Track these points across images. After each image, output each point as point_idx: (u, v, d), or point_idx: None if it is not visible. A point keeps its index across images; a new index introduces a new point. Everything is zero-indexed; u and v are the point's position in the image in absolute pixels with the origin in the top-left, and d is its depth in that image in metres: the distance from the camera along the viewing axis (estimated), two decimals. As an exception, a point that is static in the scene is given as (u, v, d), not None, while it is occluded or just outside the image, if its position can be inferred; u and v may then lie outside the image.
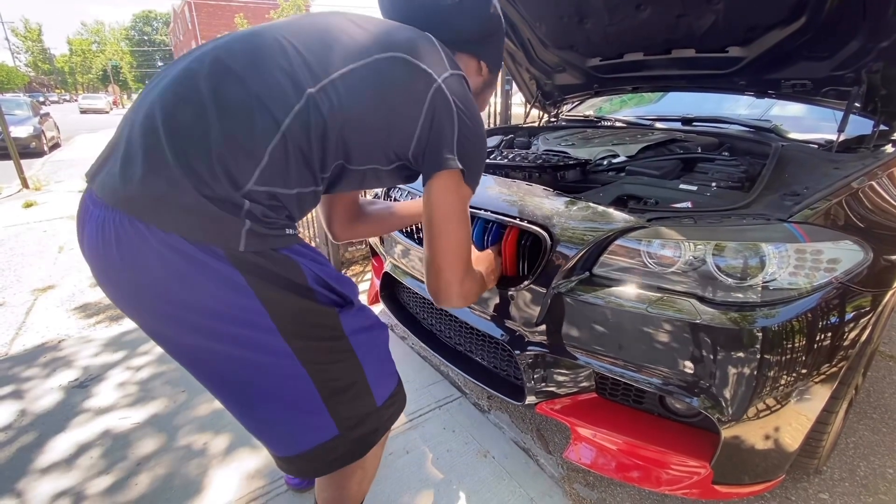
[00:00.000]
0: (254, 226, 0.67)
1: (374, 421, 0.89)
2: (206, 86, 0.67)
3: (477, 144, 0.83)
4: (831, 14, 1.46)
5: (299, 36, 0.72)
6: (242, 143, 0.65)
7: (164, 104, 0.67)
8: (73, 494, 1.36)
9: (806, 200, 1.15)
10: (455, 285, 0.88)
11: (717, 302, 1.04)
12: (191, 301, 0.68)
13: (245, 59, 0.69)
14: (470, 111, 0.81)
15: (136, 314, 0.75)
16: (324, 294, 0.77)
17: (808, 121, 1.98)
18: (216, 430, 1.60)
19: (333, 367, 0.80)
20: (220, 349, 0.72)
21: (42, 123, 9.87)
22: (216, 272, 0.66)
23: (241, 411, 0.81)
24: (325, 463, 0.86)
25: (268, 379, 0.76)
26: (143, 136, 0.66)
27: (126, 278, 0.69)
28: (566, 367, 1.24)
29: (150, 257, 0.65)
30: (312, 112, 0.68)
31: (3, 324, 2.38)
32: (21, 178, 5.89)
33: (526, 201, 1.36)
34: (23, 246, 3.62)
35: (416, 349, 2.09)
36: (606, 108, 2.88)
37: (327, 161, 0.74)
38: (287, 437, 0.82)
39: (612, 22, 1.88)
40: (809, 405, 1.09)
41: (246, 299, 0.68)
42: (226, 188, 0.64)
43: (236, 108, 0.66)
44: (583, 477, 1.41)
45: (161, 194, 0.64)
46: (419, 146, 0.79)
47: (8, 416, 1.68)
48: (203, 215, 0.64)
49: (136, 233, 0.65)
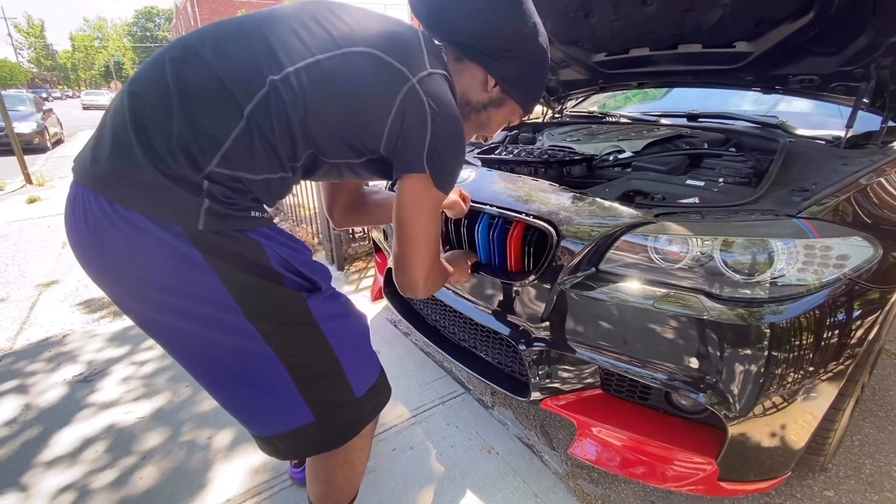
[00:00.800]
0: (213, 205, 0.67)
1: (352, 412, 0.88)
2: (171, 69, 0.67)
3: (450, 150, 0.79)
4: (840, 9, 1.44)
5: (274, 24, 0.72)
6: (204, 126, 0.66)
7: (132, 88, 0.69)
8: (78, 488, 1.36)
9: (815, 196, 1.15)
10: (420, 280, 0.89)
11: (724, 298, 1.03)
12: (155, 278, 0.69)
13: (212, 45, 0.69)
14: (445, 114, 0.76)
15: (110, 290, 0.76)
16: (290, 278, 0.77)
17: (815, 117, 1.97)
18: (220, 424, 1.60)
19: (305, 353, 0.79)
20: (190, 328, 0.73)
21: (45, 119, 9.87)
22: (176, 250, 0.67)
23: (216, 391, 0.82)
24: (301, 447, 0.87)
25: (239, 360, 0.76)
26: (112, 119, 0.69)
27: (96, 255, 0.71)
28: (571, 363, 1.23)
29: (114, 234, 0.67)
30: (274, 99, 0.68)
31: (8, 319, 2.39)
32: (25, 174, 5.90)
33: (532, 196, 1.35)
34: (27, 241, 3.63)
35: (419, 345, 2.09)
36: (611, 105, 2.87)
37: (297, 150, 0.73)
38: (261, 418, 0.83)
39: (617, 17, 1.86)
40: (816, 402, 1.09)
41: (206, 278, 0.69)
42: (184, 168, 0.65)
43: (198, 91, 0.66)
44: (587, 473, 1.41)
45: (123, 172, 0.65)
46: (389, 145, 0.76)
47: (13, 411, 1.69)
48: (162, 193, 0.65)
49: (101, 210, 0.66)
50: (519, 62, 0.88)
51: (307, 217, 3.27)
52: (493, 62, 0.87)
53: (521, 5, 0.82)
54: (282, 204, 3.72)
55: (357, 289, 2.67)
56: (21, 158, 5.93)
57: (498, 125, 0.99)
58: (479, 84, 0.90)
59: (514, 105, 0.95)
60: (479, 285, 1.43)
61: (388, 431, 1.57)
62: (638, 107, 2.75)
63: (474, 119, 0.95)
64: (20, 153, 5.96)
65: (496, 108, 0.94)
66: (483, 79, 0.90)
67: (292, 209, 3.50)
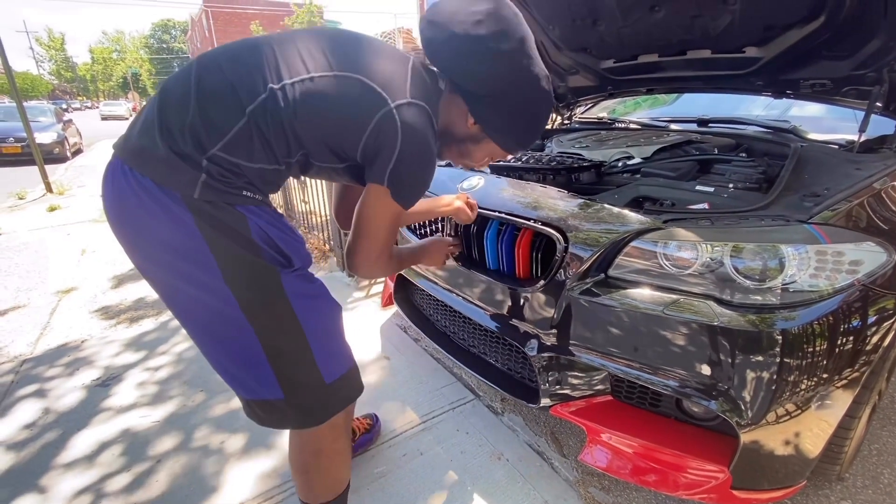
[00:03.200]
0: (209, 180, 0.79)
1: (321, 396, 0.94)
2: (195, 74, 0.82)
3: (412, 172, 0.88)
4: (851, 12, 1.43)
5: (284, 45, 0.84)
6: (213, 119, 0.78)
7: (164, 86, 0.84)
8: (94, 491, 1.39)
9: (827, 201, 1.14)
10: (360, 268, 1.00)
11: (735, 304, 1.03)
12: (155, 234, 0.81)
13: (230, 56, 0.83)
14: (415, 140, 0.84)
15: (128, 246, 0.87)
16: (267, 251, 0.85)
17: (827, 121, 1.95)
18: (232, 430, 1.62)
19: (275, 327, 0.87)
20: (180, 285, 0.84)
21: (65, 130, 10.13)
22: (172, 212, 0.78)
23: (204, 349, 0.92)
24: (274, 419, 0.95)
25: (221, 324, 0.85)
26: (147, 109, 0.84)
27: (116, 213, 0.84)
28: (581, 370, 1.23)
29: (129, 194, 0.80)
30: (271, 104, 0.79)
31: (29, 324, 2.45)
32: (45, 183, 6.05)
33: (540, 203, 1.36)
34: (47, 249, 3.72)
35: (429, 351, 2.09)
36: (620, 111, 2.87)
37: (291, 149, 0.84)
38: (242, 382, 0.92)
39: (625, 23, 1.87)
40: (831, 410, 1.07)
41: (194, 240, 0.79)
42: (190, 147, 0.78)
43: (212, 91, 0.80)
44: (598, 480, 1.40)
45: (144, 147, 0.80)
46: (363, 156, 0.87)
47: (32, 414, 1.73)
48: (169, 165, 0.78)
49: (124, 175, 0.81)
50: (498, 108, 0.94)
51: (318, 224, 3.31)
52: (474, 102, 0.94)
53: (505, 61, 0.87)
54: (293, 211, 3.78)
55: (367, 295, 2.69)
56: (42, 168, 6.09)
57: (479, 159, 1.06)
58: (461, 117, 0.97)
59: (493, 145, 1.00)
60: (488, 291, 1.44)
61: (398, 437, 1.58)
62: (647, 112, 2.74)
63: (455, 148, 1.03)
64: (41, 163, 6.12)
65: (474, 144, 1.01)
66: (465, 114, 0.96)
67: (304, 216, 3.54)
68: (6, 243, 3.88)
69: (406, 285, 1.99)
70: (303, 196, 3.50)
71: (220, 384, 1.87)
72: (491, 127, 0.97)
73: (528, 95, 0.93)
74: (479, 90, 0.91)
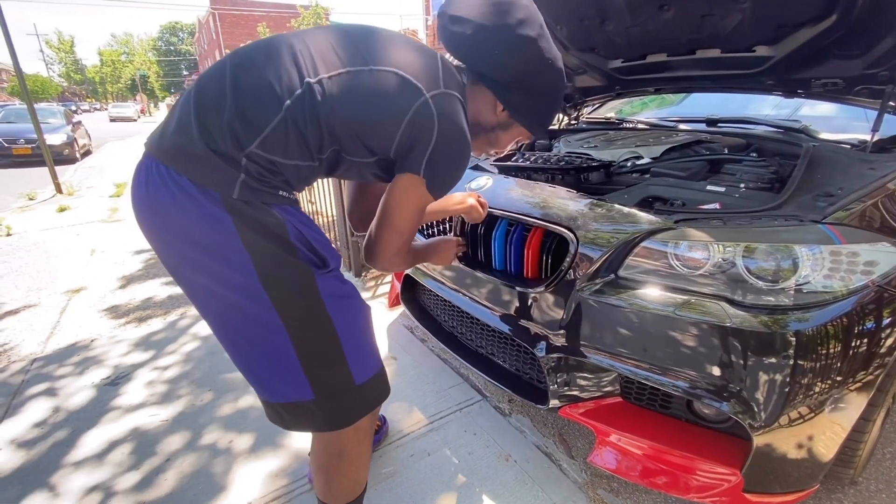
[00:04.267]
0: (248, 179, 0.78)
1: (352, 398, 0.93)
2: (230, 71, 0.81)
3: (449, 162, 0.89)
4: (863, 10, 1.41)
5: (315, 40, 0.84)
6: (249, 115, 0.78)
7: (199, 84, 0.84)
8: (104, 489, 1.39)
9: (840, 201, 1.12)
10: (381, 261, 0.99)
11: (747, 305, 1.02)
12: (190, 234, 0.80)
13: (264, 53, 0.82)
14: (451, 129, 0.86)
15: (159, 246, 0.86)
16: (304, 252, 0.85)
17: (839, 120, 1.93)
18: (240, 429, 1.63)
19: (309, 326, 0.86)
20: (212, 287, 0.83)
21: (74, 131, 10.23)
22: (210, 212, 0.78)
23: (231, 351, 0.91)
24: (301, 421, 0.94)
25: (251, 325, 0.85)
26: (181, 106, 0.83)
27: (150, 213, 0.83)
28: (590, 371, 1.22)
29: (166, 195, 0.79)
30: (308, 98, 0.79)
31: (39, 324, 2.47)
32: (55, 184, 6.12)
33: (549, 203, 1.35)
34: (57, 249, 3.75)
35: (436, 351, 2.09)
36: (627, 111, 2.85)
37: (323, 144, 0.84)
38: (267, 385, 0.90)
39: (634, 23, 1.86)
40: (845, 413, 1.06)
41: (231, 240, 0.79)
42: (229, 146, 0.77)
43: (249, 87, 0.79)
44: (607, 483, 1.39)
45: (181, 145, 0.79)
46: (398, 148, 0.86)
47: (43, 413, 1.74)
48: (207, 164, 0.77)
49: (159, 174, 0.80)
50: (526, 92, 0.97)
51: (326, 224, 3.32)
52: (502, 90, 0.97)
53: (530, 46, 0.91)
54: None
55: (374, 295, 2.69)
56: (52, 169, 6.16)
57: (506, 143, 1.09)
58: (489, 107, 1.00)
59: (520, 128, 1.04)
60: (496, 291, 1.44)
61: (405, 437, 1.57)
62: (656, 112, 2.73)
63: (483, 137, 1.05)
64: (51, 164, 6.18)
65: (504, 130, 1.04)
66: (493, 103, 0.99)
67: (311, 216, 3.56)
68: (17, 243, 3.92)
69: (413, 285, 1.98)
70: (309, 197, 3.51)
71: (228, 384, 1.87)
72: (520, 112, 1.00)
73: (549, 77, 0.96)
74: (507, 77, 0.94)
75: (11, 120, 10.09)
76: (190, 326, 2.39)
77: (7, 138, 9.15)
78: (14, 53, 5.66)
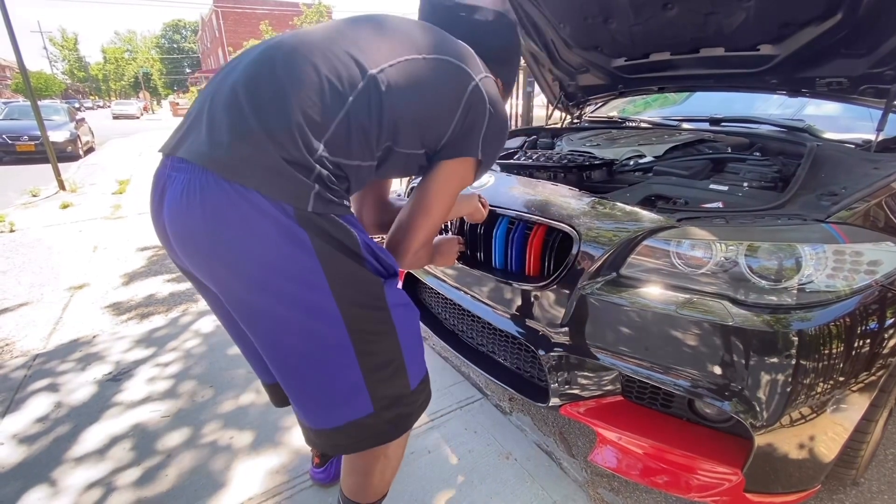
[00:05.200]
0: (321, 190, 0.74)
1: (407, 404, 0.92)
2: (283, 67, 0.76)
3: (499, 141, 0.95)
4: (869, 9, 1.41)
5: (359, 32, 0.83)
6: (314, 116, 0.74)
7: (246, 83, 0.76)
8: (105, 484, 1.40)
9: (844, 201, 1.12)
10: (410, 253, 0.96)
11: (749, 304, 1.01)
12: (259, 254, 0.74)
13: (316, 47, 0.79)
14: (498, 110, 0.91)
15: (207, 269, 0.79)
16: (372, 263, 0.83)
17: (844, 120, 1.92)
18: (241, 426, 1.63)
19: (376, 339, 0.84)
20: (277, 309, 0.77)
21: (78, 128, 10.26)
22: (285, 228, 0.73)
23: (286, 378, 0.85)
24: (355, 441, 0.89)
25: (314, 346, 0.80)
26: (227, 109, 0.75)
27: (204, 231, 0.75)
28: (591, 369, 1.22)
29: (231, 211, 0.72)
30: (373, 91, 0.77)
31: (41, 319, 2.48)
32: (58, 181, 6.13)
33: (551, 201, 1.35)
34: (60, 245, 3.77)
35: (436, 350, 2.09)
36: (630, 110, 2.84)
37: (381, 139, 0.81)
38: (323, 408, 0.86)
39: (637, 21, 1.85)
40: (847, 413, 1.05)
41: (306, 256, 0.74)
42: (301, 152, 0.72)
43: (310, 85, 0.75)
44: (607, 482, 1.39)
45: (247, 156, 0.72)
46: (452, 135, 0.87)
47: (45, 408, 1.75)
48: (281, 175, 0.72)
49: (220, 189, 0.72)
50: (515, 63, 1.11)
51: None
52: (501, 68, 1.04)
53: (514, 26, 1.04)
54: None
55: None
56: (55, 166, 6.17)
57: None
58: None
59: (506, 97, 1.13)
60: (497, 289, 1.43)
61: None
62: (659, 111, 2.72)
63: None
64: (54, 161, 6.20)
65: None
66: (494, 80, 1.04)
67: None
68: (20, 239, 3.93)
69: (414, 283, 1.98)
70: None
71: (229, 381, 1.88)
72: (510, 84, 1.11)
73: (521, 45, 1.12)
74: (507, 56, 1.05)
75: (15, 117, 10.12)
76: (192, 323, 2.39)
77: (11, 135, 9.18)
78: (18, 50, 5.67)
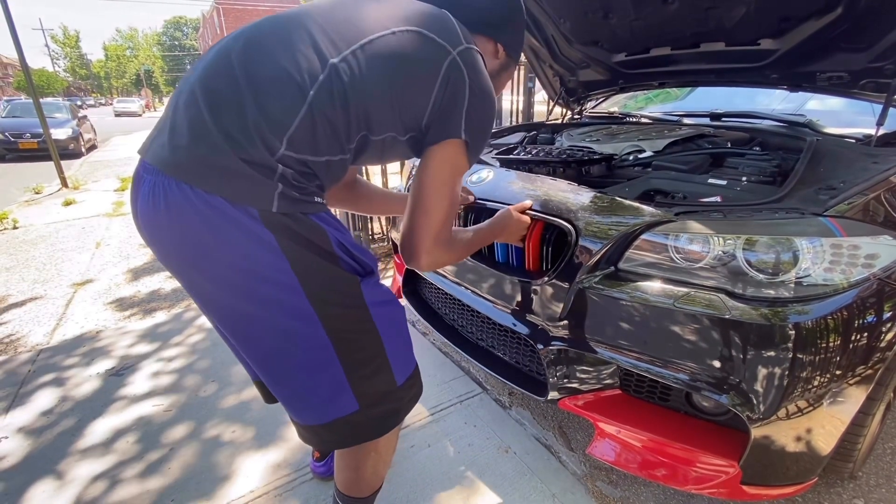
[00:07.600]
0: (285, 189, 0.72)
1: (394, 400, 0.91)
2: (239, 62, 0.73)
3: (485, 119, 0.87)
4: (869, 3, 1.40)
5: (323, 14, 0.78)
6: (273, 113, 0.71)
7: (202, 81, 0.74)
8: (109, 477, 1.42)
9: (842, 194, 1.12)
10: (423, 255, 0.90)
11: (747, 297, 1.02)
12: (227, 258, 0.73)
13: (274, 37, 0.75)
14: (482, 85, 0.84)
15: (181, 272, 0.80)
16: (346, 261, 0.81)
17: (844, 114, 1.91)
18: (244, 421, 1.64)
19: (356, 337, 0.83)
20: (252, 311, 0.77)
21: (80, 126, 10.28)
22: (251, 231, 0.71)
23: (270, 378, 0.86)
24: (343, 437, 0.90)
25: (293, 345, 0.80)
26: (186, 109, 0.73)
27: (171, 236, 0.75)
28: (590, 363, 1.23)
29: (193, 216, 0.71)
30: (335, 81, 0.73)
31: (46, 315, 2.50)
32: (61, 178, 6.16)
33: (550, 195, 1.35)
34: (63, 242, 3.79)
35: (437, 345, 2.10)
36: (631, 105, 2.84)
37: (351, 131, 0.78)
38: (309, 407, 0.86)
39: (638, 16, 1.85)
40: (844, 406, 1.06)
41: (275, 258, 0.73)
42: (262, 153, 0.70)
43: (267, 80, 0.71)
44: (606, 475, 1.40)
45: (204, 157, 0.70)
46: (432, 115, 0.82)
47: (50, 402, 1.76)
48: (241, 177, 0.70)
49: (182, 194, 0.71)
50: (517, 25, 1.04)
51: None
52: (500, 32, 1.00)
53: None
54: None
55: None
56: (58, 163, 6.19)
57: (505, 84, 1.12)
58: (491, 54, 1.01)
59: (513, 64, 1.08)
60: (496, 284, 1.44)
61: (405, 429, 1.58)
62: (659, 107, 2.71)
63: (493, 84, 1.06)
64: (57, 158, 6.22)
65: (505, 71, 1.07)
66: (493, 49, 1.01)
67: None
68: (23, 236, 3.96)
69: (415, 279, 1.99)
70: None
71: (231, 375, 1.89)
72: (514, 48, 1.04)
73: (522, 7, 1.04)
74: (507, 19, 1.00)
75: (17, 114, 10.14)
76: (195, 319, 2.41)
77: (13, 133, 9.21)
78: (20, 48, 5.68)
